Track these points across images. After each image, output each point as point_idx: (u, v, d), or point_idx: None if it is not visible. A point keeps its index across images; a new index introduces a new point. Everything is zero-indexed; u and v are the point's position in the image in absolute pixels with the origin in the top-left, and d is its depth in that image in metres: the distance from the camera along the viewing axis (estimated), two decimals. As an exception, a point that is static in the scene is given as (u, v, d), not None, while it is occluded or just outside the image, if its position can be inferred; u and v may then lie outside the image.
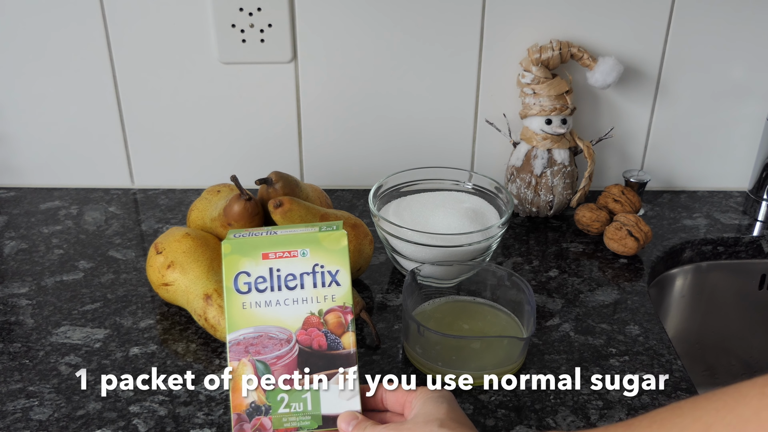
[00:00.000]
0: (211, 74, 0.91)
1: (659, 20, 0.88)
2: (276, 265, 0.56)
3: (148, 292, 0.76)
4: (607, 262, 0.83)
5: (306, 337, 0.55)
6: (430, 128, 0.95)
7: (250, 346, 0.55)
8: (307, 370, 0.55)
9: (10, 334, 0.70)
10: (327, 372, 0.55)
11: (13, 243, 0.86)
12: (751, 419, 0.32)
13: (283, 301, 0.56)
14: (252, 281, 0.56)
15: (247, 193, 0.70)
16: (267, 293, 0.56)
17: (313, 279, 0.56)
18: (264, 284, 0.56)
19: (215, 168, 0.97)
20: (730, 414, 0.34)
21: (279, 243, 0.57)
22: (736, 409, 0.34)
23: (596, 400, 0.62)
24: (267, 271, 0.56)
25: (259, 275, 0.56)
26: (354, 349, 0.55)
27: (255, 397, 0.54)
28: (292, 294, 0.56)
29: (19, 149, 0.97)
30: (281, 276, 0.56)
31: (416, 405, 0.52)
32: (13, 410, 0.60)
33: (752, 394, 0.33)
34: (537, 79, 0.87)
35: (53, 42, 0.90)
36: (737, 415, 0.33)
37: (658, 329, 0.71)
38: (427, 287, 0.73)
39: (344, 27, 0.89)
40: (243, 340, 0.55)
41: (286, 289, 0.56)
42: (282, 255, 0.56)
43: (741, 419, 0.33)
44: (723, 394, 0.35)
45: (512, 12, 0.87)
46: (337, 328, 0.56)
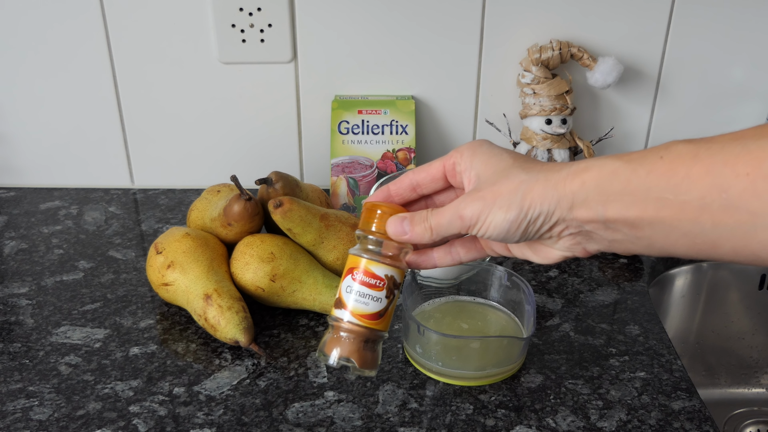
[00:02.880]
0: (211, 74, 0.91)
1: (659, 20, 0.88)
2: (366, 118, 0.88)
3: (148, 292, 0.76)
4: (607, 262, 0.83)
5: (382, 164, 0.88)
6: (430, 128, 0.95)
7: (345, 168, 0.88)
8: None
9: (10, 334, 0.70)
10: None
11: (13, 243, 0.86)
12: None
13: (369, 141, 0.88)
14: (350, 127, 0.88)
15: (247, 193, 0.70)
16: (359, 135, 0.88)
17: (390, 128, 0.88)
18: (357, 129, 0.88)
19: (215, 168, 0.97)
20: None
21: (369, 104, 0.89)
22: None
23: (596, 400, 0.62)
24: (360, 121, 0.88)
25: (354, 123, 0.88)
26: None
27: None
28: (375, 137, 0.89)
29: (19, 149, 0.97)
30: (369, 125, 0.88)
31: (473, 165, 0.45)
32: (13, 410, 0.60)
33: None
34: (537, 79, 0.87)
35: (53, 42, 0.90)
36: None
37: (658, 329, 0.71)
38: (427, 287, 0.73)
39: (344, 27, 0.89)
40: (341, 163, 0.88)
41: (372, 134, 0.88)
42: (371, 111, 0.88)
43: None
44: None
45: (512, 12, 0.87)
46: (404, 161, 0.89)
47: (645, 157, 0.37)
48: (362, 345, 0.50)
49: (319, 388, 0.63)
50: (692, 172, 0.35)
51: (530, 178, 0.42)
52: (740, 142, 0.34)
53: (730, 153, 0.34)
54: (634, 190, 0.37)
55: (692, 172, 0.35)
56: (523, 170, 0.42)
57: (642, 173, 0.37)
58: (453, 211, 0.44)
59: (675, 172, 0.36)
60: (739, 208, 0.34)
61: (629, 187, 0.37)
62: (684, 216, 0.35)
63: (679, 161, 0.36)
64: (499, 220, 0.42)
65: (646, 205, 0.37)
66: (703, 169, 0.35)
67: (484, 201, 0.43)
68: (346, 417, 0.60)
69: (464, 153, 0.46)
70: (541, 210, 0.41)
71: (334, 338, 0.50)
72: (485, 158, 0.45)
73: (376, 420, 0.59)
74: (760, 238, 0.34)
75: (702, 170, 0.35)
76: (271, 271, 0.69)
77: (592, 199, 0.39)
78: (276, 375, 0.64)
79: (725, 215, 0.34)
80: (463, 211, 0.44)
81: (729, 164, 0.34)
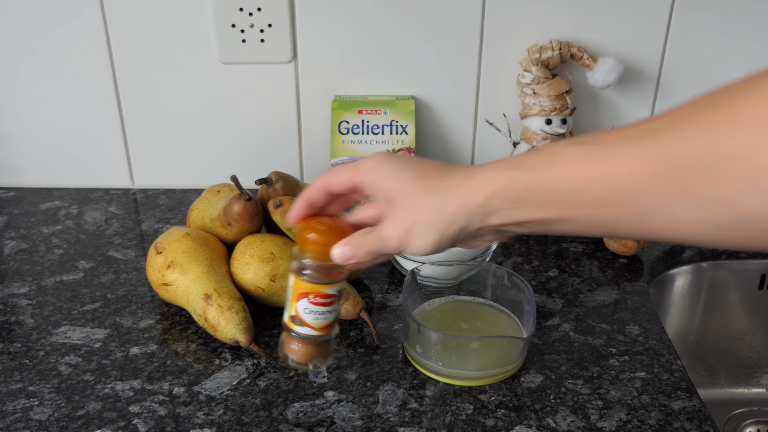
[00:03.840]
0: (211, 74, 0.91)
1: (659, 20, 0.88)
2: (366, 118, 0.88)
3: (148, 292, 0.76)
4: (607, 262, 0.83)
5: None
6: (429, 128, 0.95)
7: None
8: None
9: (10, 334, 0.70)
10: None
11: (13, 243, 0.86)
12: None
13: (369, 141, 0.89)
14: (350, 127, 0.88)
15: (247, 193, 0.70)
16: (359, 135, 0.89)
17: (390, 129, 0.88)
18: (357, 129, 0.88)
19: (215, 168, 0.97)
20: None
21: (369, 104, 0.89)
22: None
23: (596, 400, 0.62)
24: (360, 121, 0.88)
25: (354, 123, 0.88)
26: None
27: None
28: (375, 137, 0.89)
29: (19, 149, 0.97)
30: (369, 125, 0.88)
31: (380, 190, 0.48)
32: (13, 410, 0.60)
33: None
34: (537, 79, 0.87)
35: (53, 42, 0.90)
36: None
37: (658, 329, 0.71)
38: (427, 287, 0.73)
39: (344, 27, 0.89)
40: (341, 163, 0.84)
41: (372, 134, 0.89)
42: (370, 112, 0.88)
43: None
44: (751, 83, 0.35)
45: (512, 12, 0.87)
46: None
47: (541, 162, 0.41)
48: (327, 347, 0.57)
49: (319, 388, 0.63)
50: (587, 176, 0.39)
51: (439, 201, 0.45)
52: (624, 143, 0.38)
53: (618, 154, 0.38)
54: (538, 196, 0.41)
55: (587, 175, 0.39)
56: (429, 192, 0.45)
57: (541, 180, 0.41)
58: (379, 239, 0.48)
59: (571, 176, 0.40)
60: (631, 203, 0.38)
61: (533, 194, 0.41)
62: (586, 213, 0.40)
63: (574, 166, 0.40)
64: (423, 245, 0.46)
65: (551, 207, 0.41)
66: (596, 172, 0.39)
67: (402, 229, 0.46)
68: (346, 417, 0.60)
69: (367, 176, 0.49)
70: (457, 227, 0.45)
71: (301, 348, 0.56)
72: (390, 183, 0.47)
73: (376, 420, 0.59)
74: (652, 224, 0.38)
75: (595, 173, 0.39)
76: (271, 271, 0.69)
77: (503, 208, 0.43)
78: (276, 375, 0.64)
79: (620, 210, 0.39)
80: (388, 241, 0.47)
81: (618, 165, 0.38)
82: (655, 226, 0.38)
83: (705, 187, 0.35)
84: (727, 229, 0.36)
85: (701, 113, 0.36)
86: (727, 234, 0.36)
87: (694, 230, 0.37)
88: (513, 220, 0.43)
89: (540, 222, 0.43)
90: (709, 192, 0.35)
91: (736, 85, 0.36)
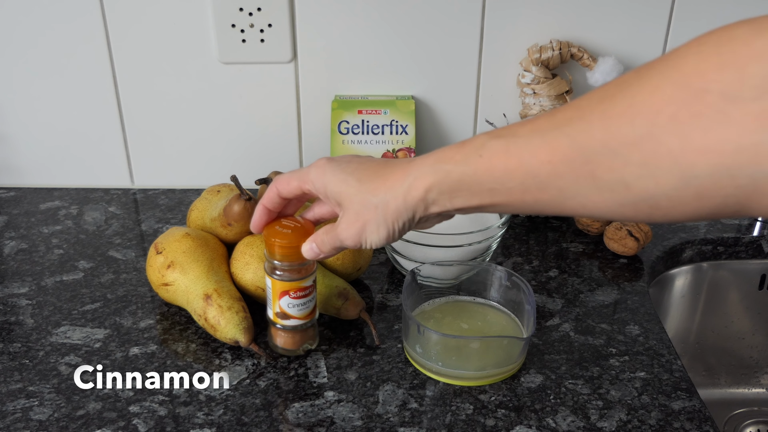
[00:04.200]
0: (211, 74, 0.91)
1: (659, 20, 0.88)
2: (366, 118, 0.88)
3: (148, 292, 0.76)
4: (607, 262, 0.83)
5: None
6: (429, 128, 0.95)
7: None
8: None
9: (10, 334, 0.70)
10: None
11: (13, 243, 0.86)
12: (692, 74, 0.36)
13: (369, 141, 0.88)
14: (350, 127, 0.88)
15: (247, 193, 0.70)
16: (359, 135, 0.88)
17: (390, 129, 0.88)
18: (357, 129, 0.88)
19: (215, 168, 0.97)
20: (675, 73, 0.37)
21: (369, 104, 0.89)
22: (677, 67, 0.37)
23: (596, 400, 0.62)
24: (360, 121, 0.88)
25: (354, 123, 0.88)
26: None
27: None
28: (375, 137, 0.88)
29: (19, 149, 0.97)
30: (369, 125, 0.88)
31: (328, 196, 0.54)
32: (13, 410, 0.60)
33: (690, 53, 0.37)
34: (537, 79, 0.87)
35: (53, 42, 0.90)
36: (678, 71, 0.37)
37: (658, 329, 0.71)
38: (427, 287, 0.73)
39: (344, 27, 0.89)
40: None
41: (372, 134, 0.88)
42: (371, 111, 0.88)
43: (682, 74, 0.36)
44: (662, 62, 0.38)
45: (512, 12, 0.87)
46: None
47: (469, 156, 0.46)
48: (313, 330, 0.66)
49: (319, 388, 0.63)
50: (509, 167, 0.44)
51: (383, 200, 0.50)
52: (539, 134, 0.43)
53: (534, 145, 0.42)
54: (469, 186, 0.46)
55: (509, 166, 0.44)
56: (373, 193, 0.50)
57: (470, 172, 0.46)
58: (338, 239, 0.54)
59: (495, 168, 0.44)
60: (548, 188, 0.43)
61: (465, 185, 0.46)
62: (513, 198, 0.45)
63: (496, 159, 0.44)
64: (376, 240, 0.52)
65: (482, 195, 0.46)
66: (516, 163, 0.43)
67: (356, 229, 0.52)
68: (346, 417, 0.60)
69: (314, 184, 0.55)
70: (403, 219, 0.50)
71: (291, 337, 0.65)
72: (336, 188, 0.53)
73: (376, 420, 0.59)
74: (569, 205, 0.43)
75: (515, 164, 0.43)
76: (271, 271, 0.69)
77: (440, 199, 0.48)
78: (276, 375, 0.64)
79: (541, 194, 0.43)
80: (346, 241, 0.54)
81: (535, 155, 0.42)
82: (571, 206, 0.43)
83: (608, 171, 0.39)
84: (632, 207, 0.40)
85: (602, 104, 0.40)
86: (633, 211, 0.41)
87: (604, 209, 0.42)
88: (450, 208, 0.48)
89: (474, 207, 0.48)
90: (612, 176, 0.39)
91: (630, 76, 0.39)
